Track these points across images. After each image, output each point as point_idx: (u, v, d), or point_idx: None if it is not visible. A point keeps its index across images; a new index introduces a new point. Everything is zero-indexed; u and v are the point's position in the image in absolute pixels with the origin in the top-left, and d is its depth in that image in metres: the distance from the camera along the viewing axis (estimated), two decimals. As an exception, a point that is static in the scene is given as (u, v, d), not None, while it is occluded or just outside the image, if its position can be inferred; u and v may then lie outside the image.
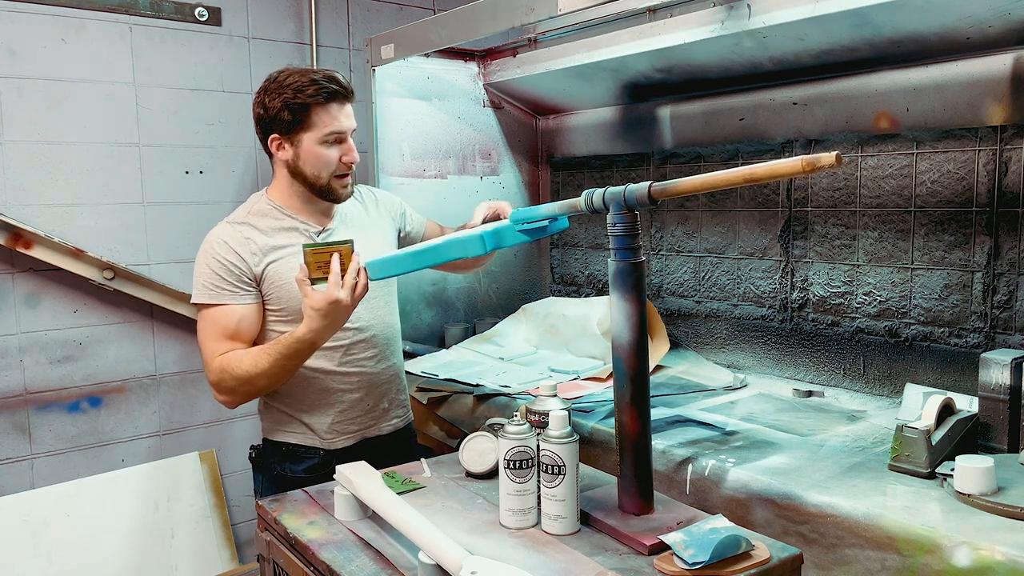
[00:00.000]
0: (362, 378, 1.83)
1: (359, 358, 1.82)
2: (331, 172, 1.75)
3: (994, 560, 1.15)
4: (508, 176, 2.88)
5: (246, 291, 1.71)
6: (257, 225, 1.76)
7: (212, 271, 1.70)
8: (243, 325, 1.70)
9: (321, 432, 1.80)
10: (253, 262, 1.71)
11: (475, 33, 2.16)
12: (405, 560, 1.20)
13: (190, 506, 2.76)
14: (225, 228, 1.76)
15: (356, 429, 1.84)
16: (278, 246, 1.75)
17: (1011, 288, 1.76)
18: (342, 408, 1.81)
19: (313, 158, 1.73)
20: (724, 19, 1.90)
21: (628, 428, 1.29)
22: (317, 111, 1.71)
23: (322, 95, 1.70)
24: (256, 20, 2.84)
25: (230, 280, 1.70)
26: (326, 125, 1.71)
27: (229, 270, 1.70)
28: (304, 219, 1.80)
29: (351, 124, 1.76)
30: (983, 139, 1.77)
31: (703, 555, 1.10)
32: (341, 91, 1.73)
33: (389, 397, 1.89)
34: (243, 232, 1.74)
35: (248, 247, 1.72)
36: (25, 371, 2.51)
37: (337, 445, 1.81)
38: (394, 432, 1.90)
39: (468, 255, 1.51)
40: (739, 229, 2.30)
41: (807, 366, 2.16)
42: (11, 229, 2.42)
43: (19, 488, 2.51)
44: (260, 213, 1.79)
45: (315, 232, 1.80)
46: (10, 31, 2.42)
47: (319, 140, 1.72)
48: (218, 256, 1.70)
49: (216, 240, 1.73)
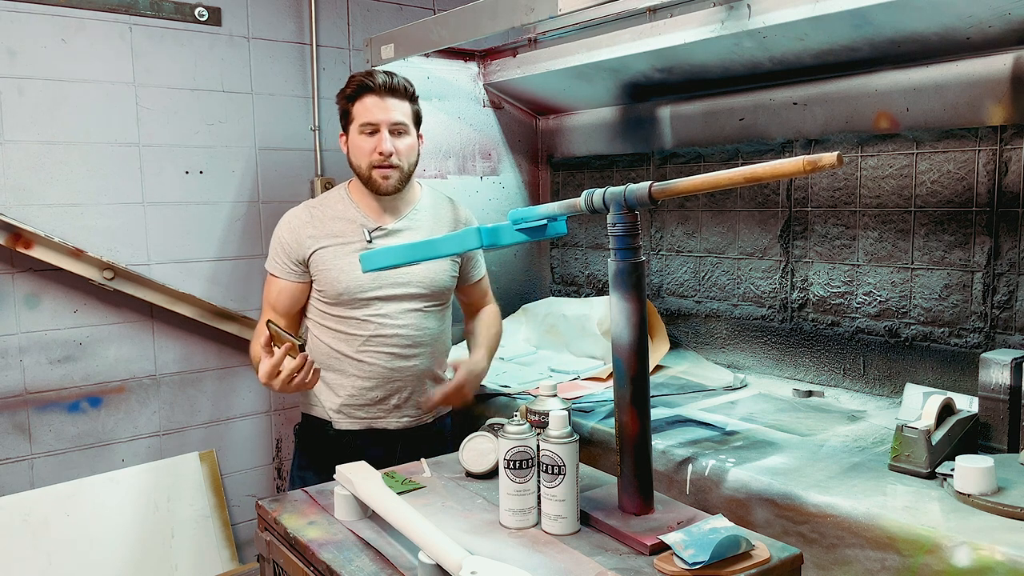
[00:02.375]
0: (375, 370, 1.89)
1: (375, 352, 1.89)
2: (369, 163, 1.86)
3: (994, 560, 1.15)
4: (508, 176, 2.88)
5: (292, 269, 1.89)
6: (325, 211, 1.92)
7: (274, 244, 1.92)
8: (280, 298, 1.90)
9: (331, 410, 1.92)
10: (307, 245, 1.88)
11: (475, 33, 2.16)
12: (405, 560, 1.20)
13: (190, 506, 2.75)
14: (298, 209, 1.95)
15: (363, 416, 1.91)
16: (333, 233, 1.89)
17: (1011, 288, 1.76)
18: (351, 392, 1.90)
19: (354, 149, 1.89)
20: (724, 19, 1.90)
21: (628, 428, 1.29)
22: (356, 104, 1.87)
23: (359, 88, 1.86)
24: (256, 20, 2.83)
25: (282, 257, 1.90)
26: (361, 116, 1.86)
27: (284, 247, 1.89)
28: (367, 214, 1.92)
29: (385, 117, 1.85)
30: (983, 139, 1.77)
31: (703, 555, 1.10)
32: (374, 84, 1.85)
33: (403, 396, 1.92)
34: (308, 214, 1.91)
35: (306, 230, 1.89)
36: (25, 371, 2.51)
37: (343, 426, 1.91)
38: (404, 429, 1.93)
39: (465, 249, 1.51)
40: (739, 229, 2.30)
41: (807, 366, 2.16)
42: (11, 229, 2.42)
43: (19, 488, 2.51)
44: (333, 200, 1.94)
45: (370, 228, 1.89)
46: (10, 31, 2.42)
47: (357, 131, 1.87)
48: (281, 233, 1.91)
49: (285, 218, 1.94)
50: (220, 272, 2.80)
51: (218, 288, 2.79)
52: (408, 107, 1.89)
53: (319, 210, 1.92)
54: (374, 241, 1.88)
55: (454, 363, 1.96)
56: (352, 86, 1.87)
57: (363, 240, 1.88)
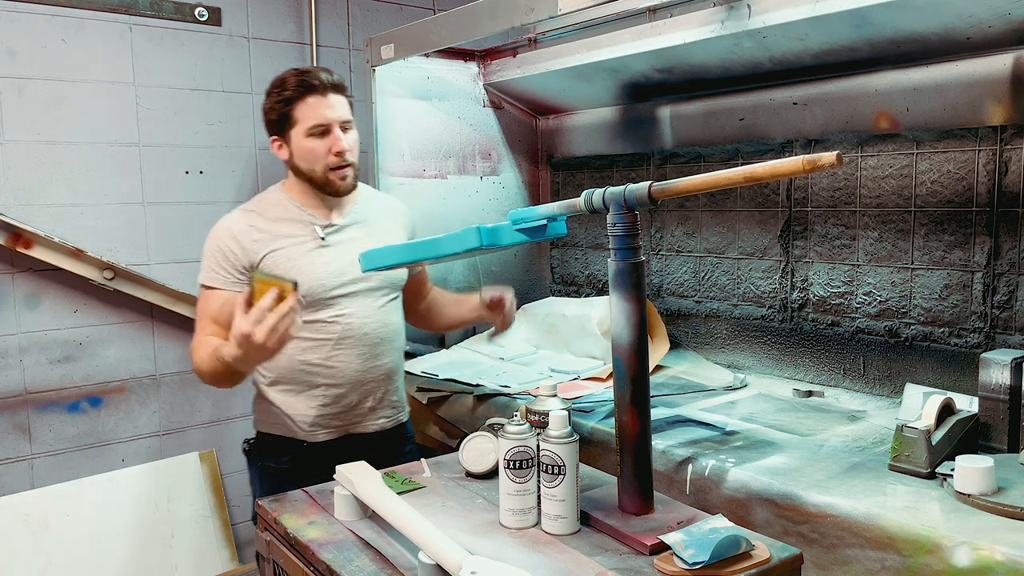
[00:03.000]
0: (347, 375, 1.82)
1: (346, 354, 1.81)
2: (324, 165, 1.78)
3: (994, 560, 1.15)
4: (508, 176, 2.88)
5: (236, 279, 1.76)
6: (265, 214, 1.82)
7: (212, 254, 1.77)
8: (224, 310, 1.72)
9: (303, 425, 1.82)
10: (253, 250, 1.76)
11: (475, 33, 2.16)
12: (405, 560, 1.20)
13: (190, 506, 2.76)
14: (235, 215, 1.83)
15: (339, 424, 1.84)
16: (283, 235, 1.79)
17: (1011, 288, 1.76)
18: (325, 402, 1.82)
19: (303, 153, 1.78)
20: (724, 19, 1.90)
21: (628, 428, 1.29)
22: (298, 106, 1.75)
23: (299, 89, 1.74)
24: (256, 20, 2.84)
25: (224, 266, 1.76)
26: (308, 119, 1.75)
27: (226, 256, 1.76)
28: (313, 213, 1.83)
29: (335, 115, 1.76)
30: (983, 139, 1.77)
31: (703, 555, 1.10)
32: (318, 83, 1.74)
33: (376, 396, 1.87)
34: (250, 220, 1.80)
35: (250, 235, 1.78)
36: (25, 371, 2.51)
37: (319, 438, 1.83)
38: (380, 431, 1.89)
39: (464, 248, 1.50)
40: (739, 229, 2.30)
41: (807, 366, 2.16)
42: (11, 229, 2.42)
43: (19, 488, 2.51)
44: (273, 202, 1.85)
45: (321, 226, 1.82)
46: (10, 31, 2.42)
47: (305, 134, 1.76)
48: (219, 241, 1.77)
49: (223, 226, 1.80)
50: (220, 272, 2.80)
51: (218, 288, 2.79)
52: (347, 101, 1.81)
53: (260, 214, 1.81)
54: (327, 238, 1.81)
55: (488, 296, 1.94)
56: (290, 88, 1.75)
57: (317, 239, 1.80)
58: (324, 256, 1.80)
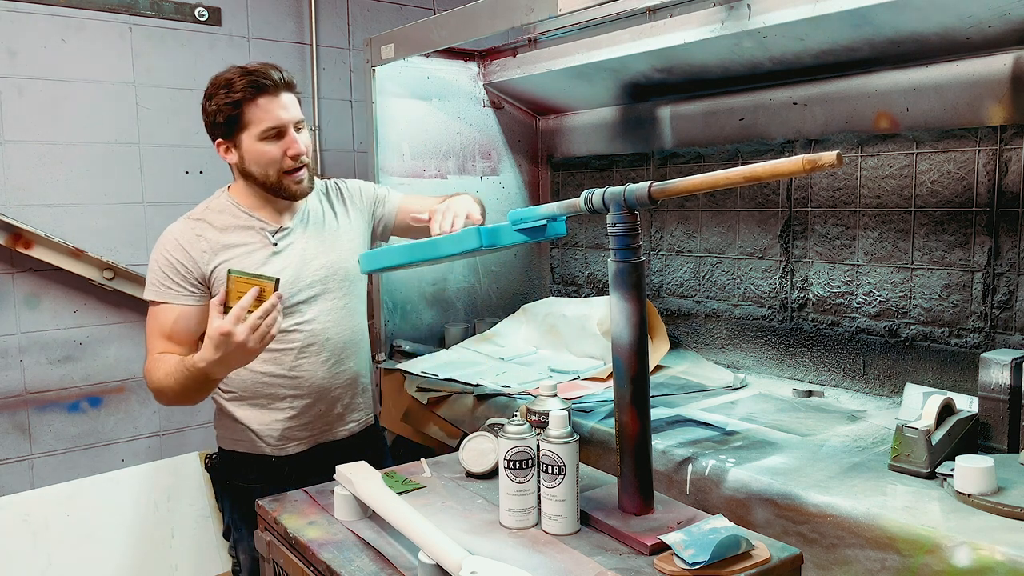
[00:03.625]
0: (313, 384, 1.76)
1: (310, 363, 1.75)
2: (278, 169, 1.68)
3: (994, 560, 1.15)
4: (508, 176, 2.88)
5: (189, 292, 1.67)
6: (213, 222, 1.72)
7: (159, 268, 1.67)
8: (178, 326, 1.65)
9: (270, 439, 1.75)
10: (203, 260, 1.67)
11: (475, 33, 2.16)
12: (405, 560, 1.20)
13: (190, 506, 2.76)
14: (180, 225, 1.72)
15: (308, 435, 1.78)
16: (232, 244, 1.70)
17: (1011, 288, 1.76)
18: (292, 415, 1.75)
19: (256, 157, 1.68)
20: (724, 19, 1.90)
21: (628, 428, 1.29)
22: (249, 108, 1.64)
23: (250, 90, 1.63)
24: (256, 20, 2.84)
25: (175, 279, 1.66)
26: (261, 121, 1.65)
27: (175, 268, 1.66)
28: (262, 217, 1.75)
29: (289, 116, 1.67)
30: (983, 139, 1.77)
31: (703, 555, 1.10)
32: (270, 83, 1.64)
33: (344, 402, 1.83)
34: (197, 229, 1.70)
35: (199, 245, 1.68)
36: (25, 371, 2.51)
37: (288, 451, 1.77)
38: (350, 437, 1.85)
39: (464, 249, 1.50)
40: (739, 229, 2.30)
41: (807, 366, 2.16)
42: (11, 229, 2.42)
43: (19, 488, 2.51)
44: (218, 209, 1.74)
45: (271, 231, 1.74)
46: (10, 31, 2.42)
47: (258, 137, 1.66)
48: (167, 254, 1.67)
49: (169, 237, 1.70)
50: (220, 272, 2.80)
51: (218, 288, 2.79)
52: (297, 99, 1.71)
53: (206, 223, 1.71)
54: (279, 243, 1.73)
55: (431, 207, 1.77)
56: (239, 89, 1.63)
57: (268, 244, 1.72)
58: (277, 263, 1.71)
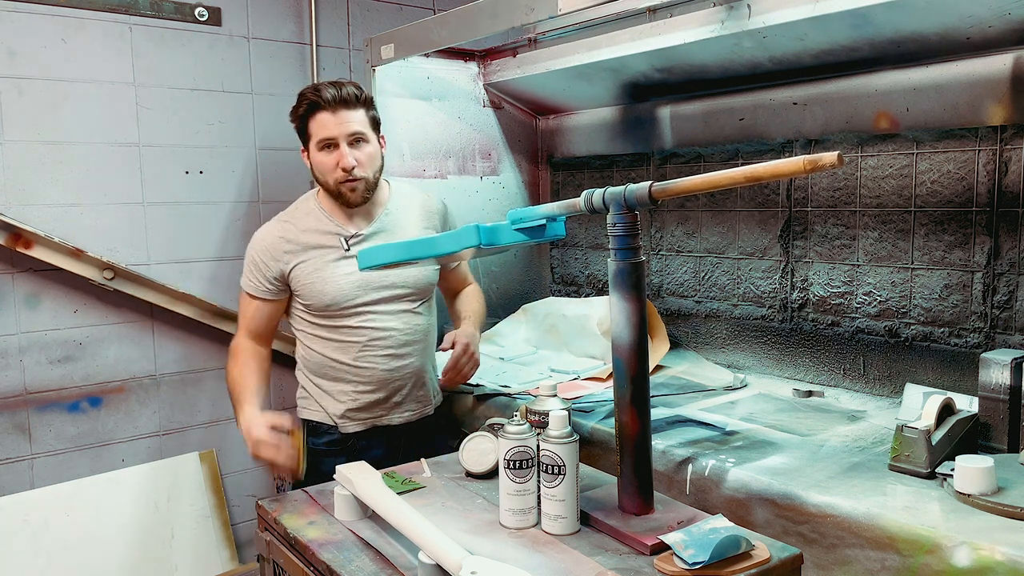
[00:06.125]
0: (375, 374, 1.92)
1: (373, 356, 1.91)
2: (335, 178, 1.86)
3: (994, 560, 1.15)
4: (508, 176, 2.88)
5: (267, 288, 1.90)
6: (298, 224, 1.92)
7: (248, 264, 1.92)
8: (256, 317, 1.92)
9: (335, 416, 1.94)
10: (284, 261, 1.88)
11: (475, 33, 2.16)
12: (405, 560, 1.20)
13: (190, 506, 2.75)
14: (269, 227, 1.94)
15: (367, 417, 1.94)
16: (312, 246, 1.89)
17: (1011, 288, 1.76)
18: (353, 398, 1.92)
19: (318, 165, 1.88)
20: (724, 19, 1.90)
21: (628, 428, 1.29)
22: (312, 121, 1.85)
23: (309, 107, 1.84)
24: (256, 20, 2.83)
25: (256, 276, 1.90)
26: (317, 133, 1.85)
27: (258, 267, 1.90)
28: (340, 223, 1.92)
29: (341, 130, 1.83)
30: (983, 139, 1.77)
31: (703, 555, 1.10)
32: (323, 102, 1.82)
33: (403, 392, 1.96)
34: (281, 231, 1.91)
35: (282, 247, 1.89)
36: (25, 371, 2.51)
37: (349, 429, 1.94)
38: (406, 424, 1.98)
39: (462, 247, 1.50)
40: (739, 229, 2.30)
41: (807, 366, 2.16)
42: (11, 229, 2.42)
43: (19, 488, 2.51)
44: (305, 212, 1.94)
45: (346, 236, 1.90)
46: (10, 31, 2.42)
47: (317, 148, 1.86)
48: (254, 252, 1.91)
49: (258, 237, 1.93)
50: (220, 272, 2.80)
51: (218, 288, 2.79)
52: (363, 114, 1.86)
53: (292, 224, 1.92)
54: (352, 248, 1.89)
55: (449, 338, 1.97)
56: (303, 105, 1.86)
57: (341, 249, 1.89)
58: (346, 267, 1.87)
